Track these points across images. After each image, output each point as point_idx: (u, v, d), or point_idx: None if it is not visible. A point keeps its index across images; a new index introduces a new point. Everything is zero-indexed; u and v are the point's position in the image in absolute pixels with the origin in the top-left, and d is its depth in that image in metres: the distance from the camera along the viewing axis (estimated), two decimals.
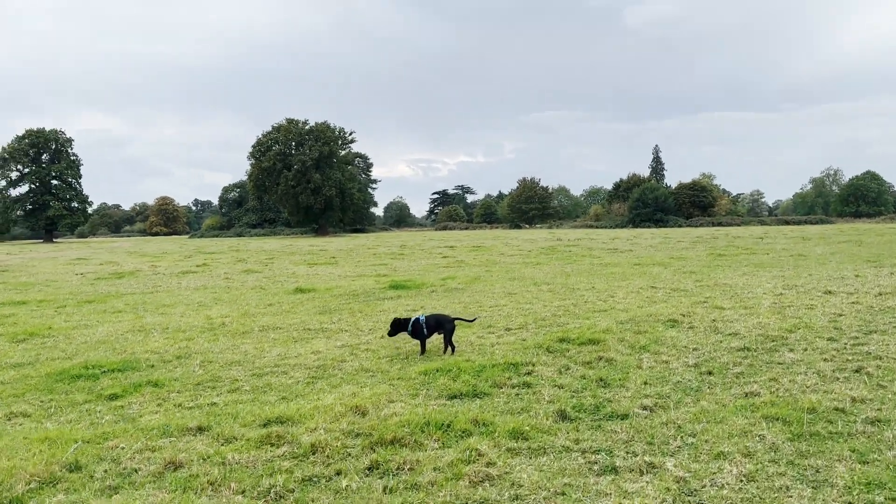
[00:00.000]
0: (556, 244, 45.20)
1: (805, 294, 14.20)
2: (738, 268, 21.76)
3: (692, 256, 28.62)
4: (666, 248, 37.16)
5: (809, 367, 7.68)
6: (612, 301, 14.26)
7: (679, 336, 9.89)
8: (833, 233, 54.68)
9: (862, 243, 35.67)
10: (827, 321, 10.73)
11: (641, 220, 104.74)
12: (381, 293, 17.40)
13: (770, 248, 33.69)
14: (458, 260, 30.96)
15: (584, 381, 7.41)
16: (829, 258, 24.81)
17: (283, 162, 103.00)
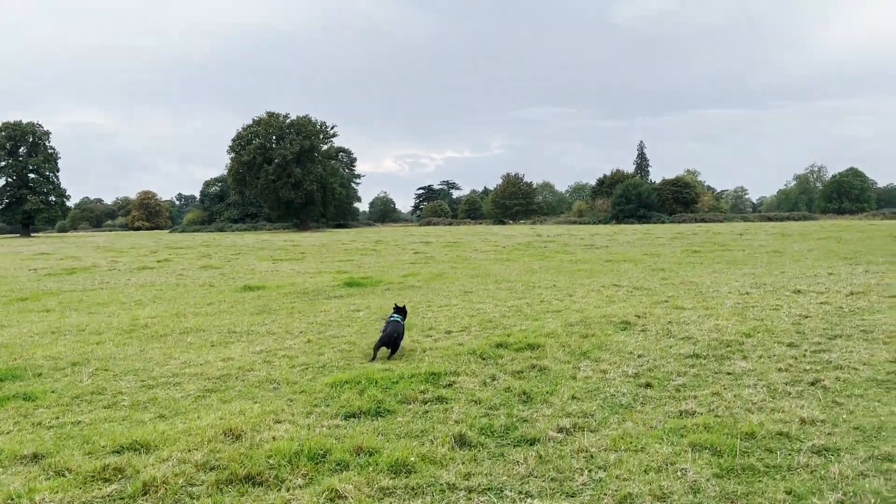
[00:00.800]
0: (533, 240, 44.42)
1: (772, 293, 13.43)
2: (710, 265, 21.02)
3: (667, 253, 27.90)
4: (643, 244, 36.46)
5: (760, 378, 6.86)
6: (570, 300, 13.43)
7: (627, 340, 9.05)
8: (814, 229, 54.27)
9: (841, 240, 35.12)
10: (790, 324, 9.95)
11: (625, 216, 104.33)
12: (332, 291, 16.48)
13: (748, 244, 33.05)
14: (429, 256, 30.06)
15: (507, 394, 6.55)
16: (805, 255, 24.15)
17: (264, 156, 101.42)
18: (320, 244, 45.25)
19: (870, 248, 27.26)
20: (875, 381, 6.55)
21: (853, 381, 6.57)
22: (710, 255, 26.22)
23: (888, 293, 12.83)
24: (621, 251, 30.23)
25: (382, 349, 8.47)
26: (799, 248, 29.02)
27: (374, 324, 11.18)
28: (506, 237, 52.49)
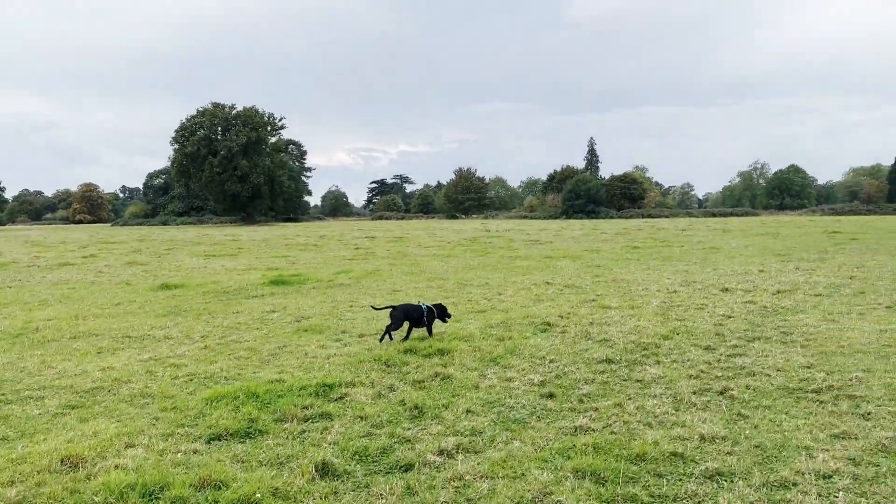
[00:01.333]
0: (480, 235, 44.10)
1: (700, 291, 13.26)
2: (646, 261, 20.93)
3: (607, 249, 27.85)
4: (587, 240, 36.49)
5: (669, 386, 6.50)
6: (498, 300, 13.00)
7: (543, 344, 8.63)
8: (755, 225, 55.49)
9: (778, 235, 35.80)
10: (712, 324, 9.69)
11: (574, 211, 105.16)
12: (254, 290, 15.69)
13: (688, 240, 33.35)
14: (370, 252, 29.39)
15: (399, 409, 6.01)
16: (740, 251, 24.34)
17: (209, 147, 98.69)
18: (262, 239, 44.02)
19: (805, 244, 27.73)
20: (786, 390, 6.25)
21: (763, 390, 6.25)
22: (649, 251, 26.25)
23: (814, 291, 12.79)
24: (564, 247, 30.11)
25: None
26: (736, 244, 29.34)
27: (285, 327, 10.53)
28: (454, 232, 52.07)
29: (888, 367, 6.86)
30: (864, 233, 35.65)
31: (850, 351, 7.65)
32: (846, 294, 12.30)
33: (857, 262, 18.44)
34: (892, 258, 19.32)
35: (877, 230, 38.50)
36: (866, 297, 11.79)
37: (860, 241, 27.94)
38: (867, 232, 36.57)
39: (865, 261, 18.66)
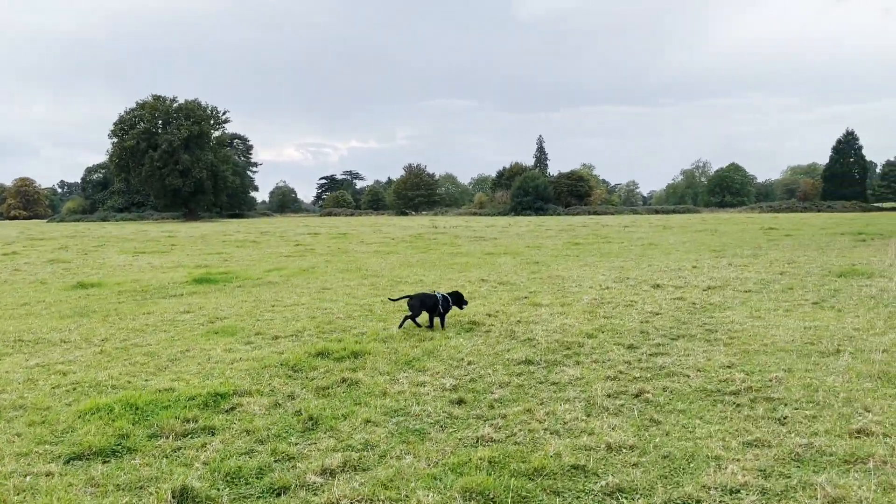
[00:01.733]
0: (427, 232, 43.69)
1: (632, 288, 13.11)
2: (585, 258, 20.84)
3: (549, 245, 27.77)
4: (531, 236, 36.46)
5: (584, 389, 6.18)
6: None
7: (464, 344, 8.24)
8: (695, 222, 56.65)
9: (716, 232, 36.45)
10: (638, 322, 9.47)
11: (523, 208, 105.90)
12: (175, 289, 14.89)
13: (628, 236, 33.62)
14: (310, 248, 28.64)
15: (293, 420, 5.52)
16: (677, 248, 24.55)
17: (149, 141, 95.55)
18: (200, 235, 42.62)
19: (740, 240, 28.21)
20: (704, 392, 6.00)
21: (680, 392, 5.99)
22: (590, 247, 26.28)
23: (744, 287, 12.77)
24: (507, 243, 29.92)
25: None
26: (674, 240, 29.68)
27: (195, 329, 9.88)
28: (401, 228, 51.54)
29: (808, 367, 6.69)
30: (798, 229, 36.64)
31: (772, 349, 7.49)
32: (775, 290, 12.31)
33: (788, 257, 18.70)
34: (822, 254, 19.69)
35: (811, 227, 39.67)
36: (794, 293, 11.81)
37: (794, 238, 28.61)
38: (801, 228, 37.61)
39: (797, 256, 18.95)
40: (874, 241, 24.69)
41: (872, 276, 13.58)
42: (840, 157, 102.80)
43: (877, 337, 7.92)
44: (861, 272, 14.18)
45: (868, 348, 7.32)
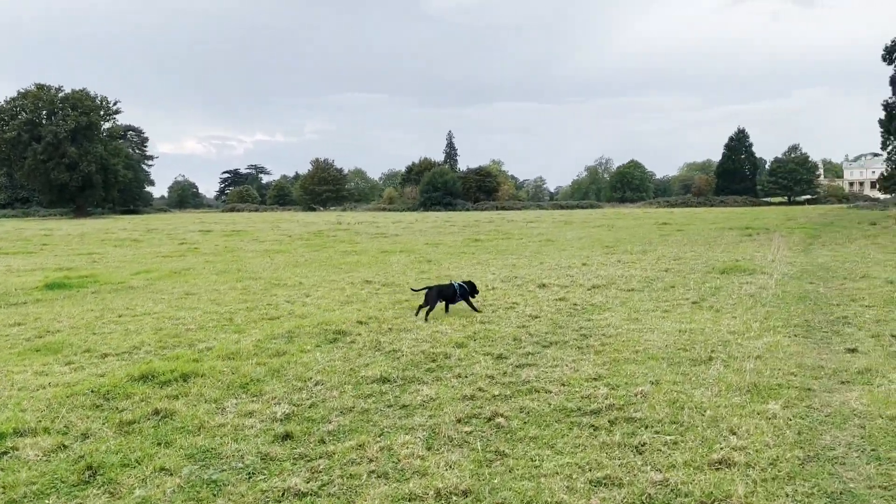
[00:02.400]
0: (329, 228, 42.37)
1: (518, 288, 12.62)
2: (480, 255, 20.36)
3: (448, 242, 27.23)
4: (434, 232, 35.90)
5: (435, 412, 5.46)
6: (301, 302, 11.62)
7: (318, 360, 7.36)
8: (596, 217, 57.85)
9: (613, 227, 37.11)
10: (514, 327, 8.89)
11: (432, 203, 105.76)
12: (20, 296, 13.22)
13: (529, 232, 33.62)
14: (193, 247, 26.86)
15: (69, 470, 4.48)
16: (573, 243, 24.54)
17: (31, 133, 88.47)
18: (79, 233, 39.49)
19: (634, 235, 28.64)
20: (563, 412, 5.40)
21: (538, 413, 5.37)
22: (488, 244, 25.91)
23: (627, 286, 12.53)
24: (407, 240, 29.18)
25: None
26: (572, 236, 29.84)
27: (17, 345, 8.50)
28: (303, 225, 49.89)
29: (677, 378, 6.25)
30: (690, 224, 37.84)
31: (643, 357, 7.05)
32: (657, 289, 12.11)
33: (676, 253, 18.88)
34: (709, 249, 20.04)
35: (703, 222, 41.10)
36: (675, 292, 11.63)
37: (685, 233, 29.34)
38: (693, 223, 38.89)
39: (684, 252, 19.17)
40: (759, 235, 25.58)
41: (754, 273, 13.69)
42: (732, 154, 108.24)
43: (751, 341, 7.64)
44: (743, 268, 14.30)
45: (741, 355, 7.00)
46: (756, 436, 4.67)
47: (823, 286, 11.82)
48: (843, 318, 8.81)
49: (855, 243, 20.09)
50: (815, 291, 11.23)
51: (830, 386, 5.85)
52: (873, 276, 12.43)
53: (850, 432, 4.73)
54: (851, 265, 14.62)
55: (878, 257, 15.66)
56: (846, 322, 8.51)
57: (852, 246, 19.14)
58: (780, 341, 7.55)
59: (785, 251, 18.36)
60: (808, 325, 8.48)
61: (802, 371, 6.34)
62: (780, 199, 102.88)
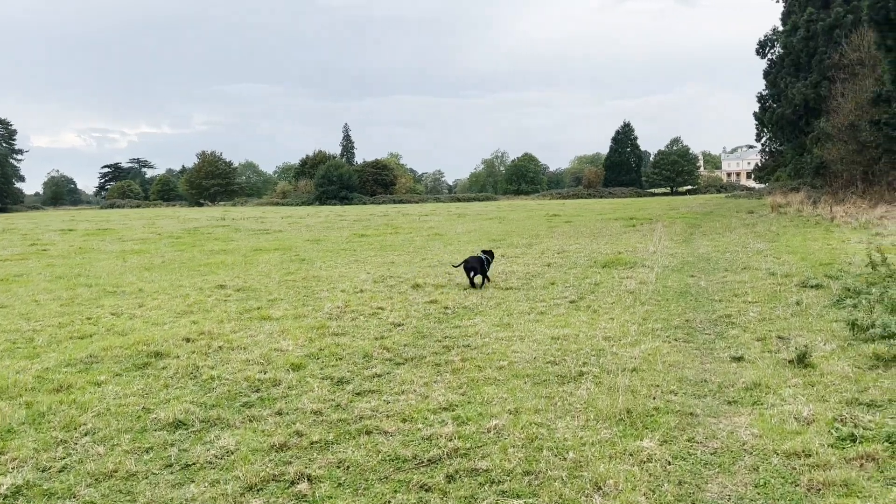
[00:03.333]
0: (209, 225, 39.62)
1: (389, 289, 11.41)
2: (361, 252, 18.97)
3: (332, 238, 25.65)
4: (322, 227, 34.14)
5: (220, 479, 4.10)
6: (129, 315, 9.87)
7: (106, 396, 5.81)
8: (490, 209, 57.73)
9: (504, 220, 36.69)
10: (371, 339, 7.66)
11: (328, 197, 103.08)
12: None
13: (420, 226, 32.57)
14: (42, 250, 23.85)
15: None
16: (461, 237, 23.64)
17: None
18: None
19: (523, 228, 28.17)
20: (393, 464, 4.23)
21: (360, 469, 4.14)
22: (374, 239, 24.57)
23: (506, 284, 11.60)
24: (289, 237, 27.36)
25: None
26: (462, 229, 29.03)
27: None
28: (182, 221, 46.56)
29: (540, 404, 5.21)
30: (579, 215, 38.06)
31: (507, 375, 5.99)
32: (536, 286, 11.24)
33: (561, 246, 18.30)
34: (594, 240, 19.63)
35: (591, 212, 41.55)
36: (554, 290, 10.78)
37: (573, 224, 29.18)
38: (582, 214, 39.18)
39: (569, 245, 18.63)
40: (643, 225, 25.66)
41: (635, 266, 13.14)
42: (618, 148, 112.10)
43: (628, 349, 6.77)
44: (625, 262, 13.75)
45: (615, 367, 6.08)
46: (626, 491, 3.65)
47: (705, 279, 11.34)
48: (727, 316, 8.17)
49: (734, 232, 20.29)
50: (697, 285, 10.69)
51: (716, 408, 4.98)
52: (754, 267, 12.12)
53: (741, 478, 3.82)
54: (732, 255, 14.42)
55: (758, 246, 15.61)
56: (730, 322, 7.85)
57: (732, 235, 19.26)
58: (659, 348, 6.72)
59: (667, 242, 18.16)
60: (689, 327, 7.76)
61: (683, 388, 5.48)
62: (664, 189, 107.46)
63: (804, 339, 6.73)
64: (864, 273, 9.97)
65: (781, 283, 10.25)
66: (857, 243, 14.85)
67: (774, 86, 52.22)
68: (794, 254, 13.74)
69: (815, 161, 42.12)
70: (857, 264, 11.37)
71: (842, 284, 8.92)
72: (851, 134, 33.66)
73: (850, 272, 10.57)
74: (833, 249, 13.97)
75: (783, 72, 49.55)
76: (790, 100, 47.94)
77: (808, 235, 17.46)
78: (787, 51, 47.87)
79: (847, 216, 21.69)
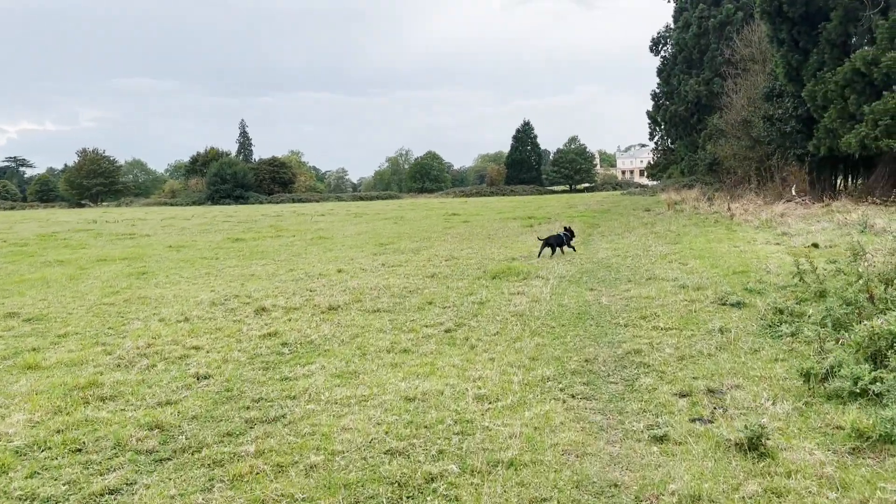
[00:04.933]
0: (73, 229, 35.20)
1: (224, 316, 9.00)
2: (220, 262, 16.27)
3: (201, 244, 22.65)
4: (198, 230, 30.76)
5: None
6: None
7: None
8: (391, 208, 55.41)
9: (402, 219, 34.56)
10: (148, 408, 5.32)
11: (221, 196, 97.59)
12: None
13: (309, 227, 29.88)
14: None
15: None
16: (347, 241, 21.29)
17: None
18: None
19: (418, 229, 26.14)
20: None
21: None
22: (250, 243, 21.82)
23: (374, 305, 9.43)
24: (154, 242, 24.05)
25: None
26: (353, 231, 26.69)
27: None
28: (44, 225, 41.60)
29: None
30: (478, 214, 36.47)
31: (315, 486, 3.82)
32: (409, 308, 9.16)
33: (451, 250, 16.35)
34: (488, 243, 17.83)
35: (491, 211, 40.10)
36: (430, 313, 8.74)
37: (470, 224, 27.45)
38: (482, 213, 37.64)
39: (461, 249, 16.72)
40: (541, 226, 24.22)
41: (528, 278, 11.31)
42: (519, 146, 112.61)
43: (506, 418, 4.77)
44: (518, 271, 11.90)
45: (484, 462, 4.04)
46: None
47: (606, 293, 9.62)
48: (636, 352, 6.34)
49: (634, 233, 19.05)
50: (598, 303, 8.92)
51: None
52: (661, 278, 10.52)
53: None
54: (634, 261, 12.90)
55: (661, 250, 14.22)
56: (641, 362, 6.01)
57: (632, 236, 17.95)
58: (549, 414, 4.77)
59: (564, 244, 16.62)
60: (590, 371, 5.88)
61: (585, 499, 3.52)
62: (564, 187, 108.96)
63: (743, 393, 4.96)
64: (789, 285, 8.48)
65: (695, 299, 8.62)
66: (766, 245, 13.71)
67: (668, 83, 52.82)
68: (700, 259, 12.34)
69: (708, 158, 42.51)
70: (775, 272, 9.99)
71: (769, 303, 7.34)
72: (744, 130, 33.79)
73: (770, 283, 9.09)
74: (742, 253, 12.70)
75: (676, 69, 50.06)
76: (683, 97, 48.45)
77: (711, 236, 16.33)
78: (679, 48, 48.32)
79: (746, 213, 20.99)
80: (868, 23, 21.79)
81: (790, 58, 25.17)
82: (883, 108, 19.70)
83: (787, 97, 26.99)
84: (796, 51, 24.95)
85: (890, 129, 19.54)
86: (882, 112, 19.72)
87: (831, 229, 14.85)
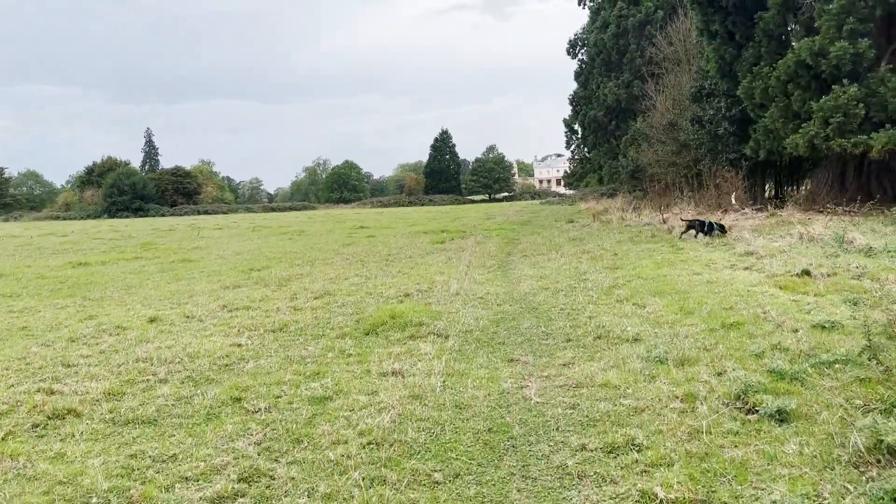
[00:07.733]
0: None
1: None
2: (35, 296, 11.91)
3: (35, 268, 17.94)
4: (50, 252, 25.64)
5: None
6: None
7: None
8: (299, 220, 50.88)
9: (303, 233, 30.44)
10: None
11: (118, 209, 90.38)
12: None
13: (184, 246, 25.32)
14: None
15: None
16: (211, 265, 17.08)
17: None
18: None
19: (312, 246, 22.19)
20: None
21: None
22: (90, 269, 17.35)
23: (125, 412, 5.63)
24: None
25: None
26: (235, 248, 22.51)
27: None
28: None
29: None
30: (389, 227, 32.79)
31: None
32: (186, 417, 5.39)
33: (332, 280, 12.58)
34: (385, 267, 14.17)
35: (404, 223, 36.49)
36: (209, 436, 5.01)
37: (375, 239, 23.74)
38: (393, 226, 33.96)
39: (346, 276, 13.00)
40: (453, 241, 20.78)
41: (419, 332, 7.69)
42: (438, 155, 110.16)
43: None
44: (408, 319, 8.26)
45: None
46: None
47: (536, 374, 6.14)
48: None
49: (560, 251, 15.82)
50: (523, 402, 5.40)
51: None
52: (616, 336, 7.00)
53: None
54: (569, 299, 9.52)
55: (601, 279, 10.90)
56: None
57: (560, 258, 14.68)
58: None
59: (477, 270, 13.14)
60: None
61: None
62: (483, 196, 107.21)
63: None
64: (839, 360, 5.17)
65: (690, 393, 5.12)
66: (733, 270, 10.65)
67: (586, 87, 50.85)
68: (660, 296, 9.05)
69: (630, 165, 40.36)
70: (786, 324, 6.72)
71: (840, 416, 3.98)
72: (670, 134, 31.61)
73: (795, 352, 5.77)
74: (711, 284, 9.52)
75: (595, 72, 48.08)
76: (602, 101, 46.45)
77: (658, 256, 13.25)
78: (597, 49, 46.28)
79: None
80: (809, 11, 19.57)
81: (723, 52, 22.85)
82: (834, 103, 17.34)
83: (719, 96, 24.73)
84: (730, 44, 22.63)
85: (843, 126, 17.19)
86: (833, 108, 17.36)
87: (802, 247, 12.02)
